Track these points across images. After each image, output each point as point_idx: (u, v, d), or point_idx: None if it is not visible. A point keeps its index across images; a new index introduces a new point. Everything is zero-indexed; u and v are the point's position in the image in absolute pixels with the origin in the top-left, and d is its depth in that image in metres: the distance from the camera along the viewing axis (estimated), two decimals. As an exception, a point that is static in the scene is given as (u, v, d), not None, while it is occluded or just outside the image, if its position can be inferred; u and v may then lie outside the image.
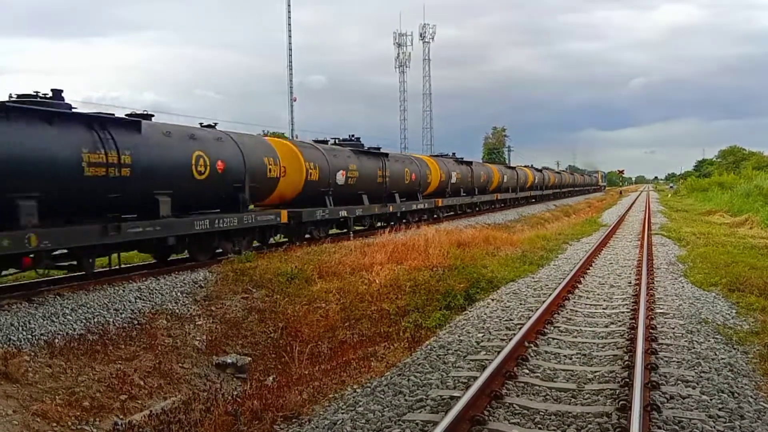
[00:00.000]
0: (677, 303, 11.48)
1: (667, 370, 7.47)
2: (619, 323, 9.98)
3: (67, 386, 8.25)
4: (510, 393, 6.84)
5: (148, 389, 8.92)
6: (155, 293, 11.73)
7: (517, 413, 6.28)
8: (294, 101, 68.98)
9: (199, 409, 7.63)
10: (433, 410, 6.38)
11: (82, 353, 9.07)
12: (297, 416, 6.86)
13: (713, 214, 39.62)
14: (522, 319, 10.27)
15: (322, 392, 7.60)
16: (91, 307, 10.51)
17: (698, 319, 10.26)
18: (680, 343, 8.77)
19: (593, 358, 8.16)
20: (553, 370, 7.68)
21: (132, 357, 9.47)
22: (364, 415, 6.43)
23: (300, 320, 11.96)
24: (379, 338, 11.02)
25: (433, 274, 13.86)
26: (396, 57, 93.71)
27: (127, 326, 10.37)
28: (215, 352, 10.61)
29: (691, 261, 16.88)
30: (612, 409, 6.23)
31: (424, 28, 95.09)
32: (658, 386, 6.82)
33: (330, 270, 14.25)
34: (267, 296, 12.69)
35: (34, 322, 9.53)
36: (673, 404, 6.39)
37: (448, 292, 12.90)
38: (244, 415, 7.11)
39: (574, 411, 6.31)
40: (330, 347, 11.00)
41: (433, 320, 11.57)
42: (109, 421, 7.90)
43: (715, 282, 13.50)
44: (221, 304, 12.11)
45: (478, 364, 7.90)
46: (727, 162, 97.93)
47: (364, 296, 12.80)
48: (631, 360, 7.50)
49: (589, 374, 7.48)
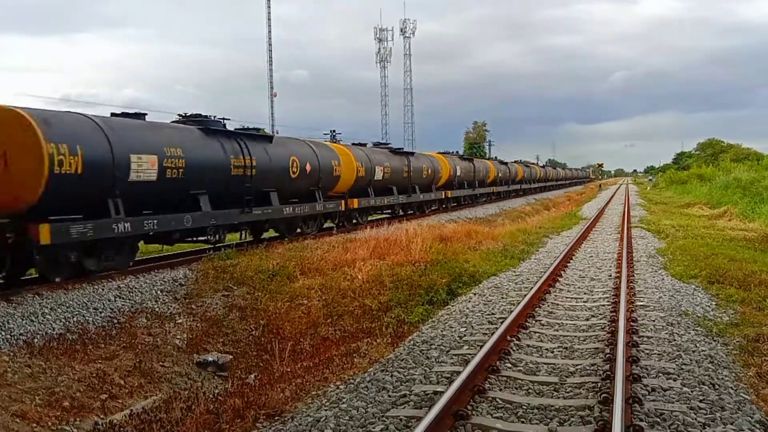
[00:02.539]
0: (657, 295, 11.57)
1: (649, 363, 7.52)
2: (600, 316, 10.04)
3: (46, 386, 8.13)
4: (493, 387, 6.86)
5: (129, 388, 8.82)
6: (135, 292, 11.60)
7: (500, 407, 6.29)
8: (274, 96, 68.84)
9: (180, 408, 7.57)
10: (417, 406, 6.38)
11: (61, 353, 8.95)
12: (279, 414, 6.82)
13: (692, 207, 40.03)
14: (504, 313, 10.30)
15: (304, 389, 7.56)
16: (70, 306, 10.37)
17: (678, 311, 10.34)
18: (661, 335, 8.84)
19: (575, 352, 8.20)
20: (536, 363, 7.70)
21: (112, 356, 9.36)
22: (347, 412, 6.41)
23: (282, 317, 11.90)
24: (361, 334, 10.99)
25: (416, 270, 13.86)
26: (377, 52, 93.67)
27: (106, 325, 10.25)
28: (196, 351, 10.51)
29: (670, 253, 17.02)
30: (594, 402, 6.26)
31: (404, 23, 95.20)
32: (640, 379, 6.87)
33: (312, 266, 14.20)
34: (248, 294, 12.60)
35: (12, 321, 9.38)
36: (654, 396, 6.43)
37: (430, 287, 12.90)
38: (226, 414, 7.06)
39: (557, 404, 6.33)
40: (312, 344, 10.95)
41: (416, 315, 11.56)
42: (90, 421, 7.80)
43: (694, 274, 13.62)
44: (202, 302, 12.01)
45: (461, 358, 7.91)
46: (706, 155, 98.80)
47: (346, 292, 12.76)
48: (613, 353, 7.54)
49: (571, 367, 7.51)
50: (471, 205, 38.47)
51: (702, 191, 49.40)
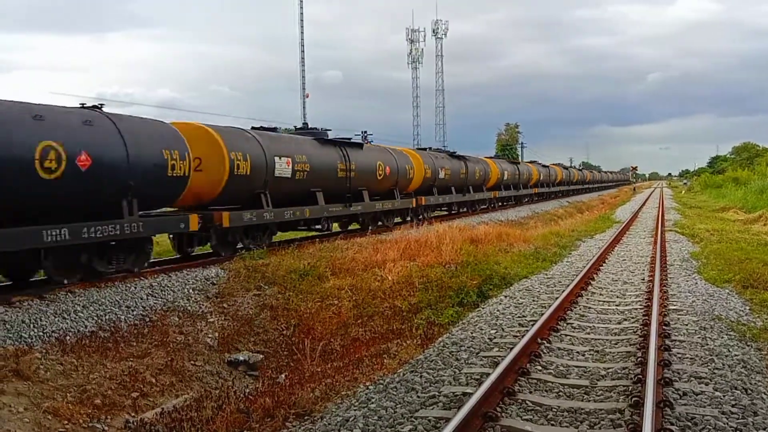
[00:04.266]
0: (691, 299, 11.40)
1: (680, 367, 7.41)
2: (632, 320, 9.91)
3: (78, 384, 8.23)
4: (523, 389, 6.81)
5: (160, 387, 8.90)
6: (167, 290, 11.72)
7: (530, 410, 6.24)
8: (306, 97, 69.15)
9: (211, 407, 7.61)
10: (446, 407, 6.35)
11: (93, 350, 9.05)
12: (309, 413, 6.84)
13: (727, 211, 39.32)
14: (535, 315, 10.22)
15: (334, 389, 7.57)
16: (102, 304, 10.49)
17: (712, 315, 10.18)
18: (693, 339, 8.70)
19: (606, 355, 8.11)
20: (566, 366, 7.63)
21: (144, 354, 9.45)
22: (376, 412, 6.41)
23: (312, 317, 11.93)
24: (391, 335, 10.97)
25: (446, 271, 13.81)
26: (408, 53, 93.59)
27: (138, 323, 10.34)
28: (227, 350, 10.59)
29: (704, 258, 16.75)
30: (625, 406, 6.19)
31: (436, 24, 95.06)
32: (671, 383, 6.78)
33: (342, 267, 14.22)
34: (279, 293, 12.66)
35: (45, 319, 9.51)
36: (686, 401, 6.34)
37: (460, 289, 12.84)
38: (256, 413, 7.10)
39: (587, 407, 6.27)
40: (342, 344, 10.97)
41: (446, 317, 11.51)
42: (121, 419, 7.85)
43: (728, 279, 13.39)
44: (233, 301, 12.10)
45: (490, 360, 7.87)
46: (741, 158, 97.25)
47: (376, 293, 12.76)
48: (644, 356, 7.45)
49: (602, 371, 7.43)
50: (515, 205, 41.03)
51: (737, 195, 48.54)
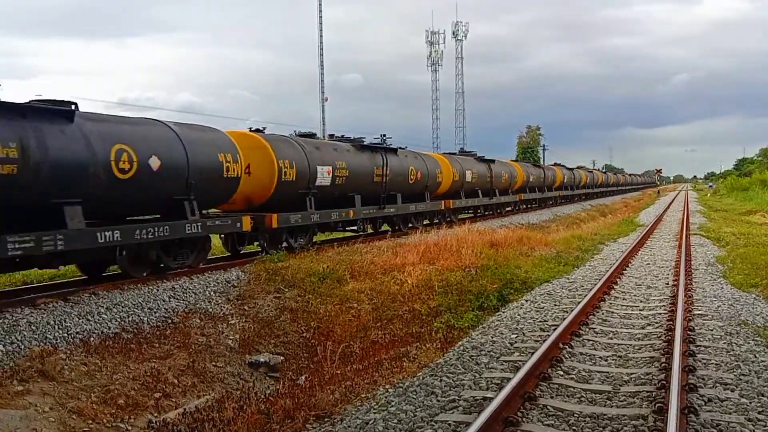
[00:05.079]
0: (716, 304, 11.25)
1: (705, 373, 7.31)
2: (656, 325, 9.80)
3: (102, 384, 8.32)
4: (544, 394, 6.75)
5: (182, 387, 8.97)
6: (188, 292, 11.81)
7: (551, 415, 6.19)
8: (326, 101, 69.13)
9: (232, 408, 7.64)
10: (466, 411, 6.32)
11: (116, 351, 9.16)
12: (329, 415, 6.84)
13: (754, 214, 38.76)
14: (556, 320, 10.15)
15: (354, 392, 7.57)
16: (125, 306, 10.61)
17: (738, 320, 10.04)
18: (719, 345, 8.58)
19: (629, 360, 8.02)
20: (588, 371, 7.56)
21: (166, 355, 9.53)
22: (396, 415, 6.40)
23: (332, 320, 11.95)
24: (411, 338, 10.95)
25: (466, 275, 13.75)
26: (428, 55, 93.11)
27: (161, 325, 10.44)
28: (248, 351, 10.64)
29: (730, 262, 16.54)
30: (648, 412, 6.12)
31: (456, 26, 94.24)
32: (696, 388, 6.68)
33: (362, 270, 14.23)
34: (299, 296, 12.70)
35: (69, 320, 9.63)
36: (711, 407, 6.25)
37: (480, 293, 12.78)
38: (277, 414, 7.11)
39: (610, 413, 6.20)
40: (362, 347, 10.96)
41: (466, 321, 11.47)
42: (144, 419, 7.94)
43: (755, 283, 13.20)
44: (254, 304, 12.16)
45: (511, 365, 7.82)
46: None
47: (395, 296, 12.75)
48: (668, 362, 7.35)
49: (625, 376, 7.35)
50: (537, 208, 41.38)
51: (764, 198, 47.93)
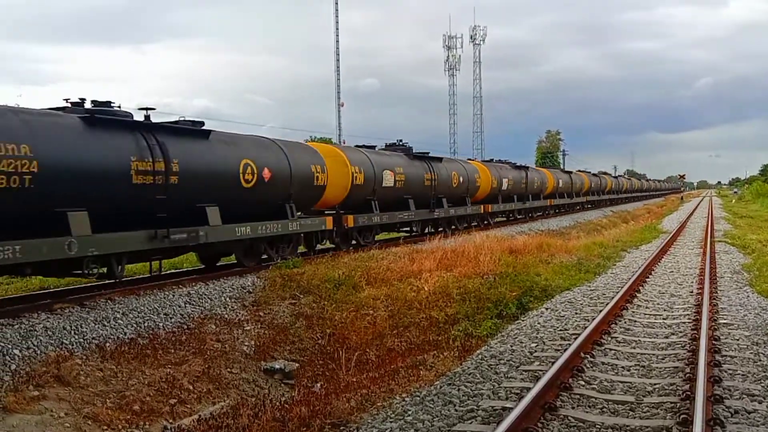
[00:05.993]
0: (742, 313, 11.02)
1: (731, 384, 7.12)
2: (680, 334, 9.59)
3: (117, 390, 8.28)
4: (565, 405, 6.59)
5: (197, 394, 8.91)
6: (204, 298, 11.76)
7: (572, 426, 6.04)
8: (341, 106, 69.05)
9: (248, 415, 7.57)
10: (485, 421, 6.19)
11: (132, 357, 9.11)
12: (345, 424, 6.75)
13: (780, 221, 38.19)
14: (578, 329, 9.97)
15: (370, 400, 7.46)
16: (141, 311, 10.56)
17: (765, 330, 9.82)
18: (745, 355, 8.37)
19: (653, 370, 7.84)
20: (611, 381, 7.39)
21: (181, 361, 9.47)
22: (413, 425, 6.28)
23: (348, 327, 11.83)
24: (428, 346, 10.82)
25: (484, 282, 13.58)
26: (446, 60, 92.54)
27: (176, 331, 10.38)
28: (263, 358, 10.56)
29: (756, 269, 16.24)
30: (672, 423, 5.95)
31: (474, 30, 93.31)
32: (722, 400, 6.51)
33: (378, 276, 14.09)
34: (314, 302, 12.60)
35: (85, 326, 9.59)
36: (737, 419, 6.07)
37: (499, 301, 12.61)
38: (292, 422, 7.03)
39: (632, 424, 6.04)
40: (378, 355, 10.85)
41: (484, 329, 11.31)
42: (159, 425, 7.91)
43: (782, 292, 12.91)
44: (269, 310, 12.08)
45: (531, 374, 7.67)
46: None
47: (412, 303, 12.61)
48: (693, 372, 7.17)
49: (648, 386, 7.18)
50: (558, 214, 42.09)
51: (790, 205, 47.15)
